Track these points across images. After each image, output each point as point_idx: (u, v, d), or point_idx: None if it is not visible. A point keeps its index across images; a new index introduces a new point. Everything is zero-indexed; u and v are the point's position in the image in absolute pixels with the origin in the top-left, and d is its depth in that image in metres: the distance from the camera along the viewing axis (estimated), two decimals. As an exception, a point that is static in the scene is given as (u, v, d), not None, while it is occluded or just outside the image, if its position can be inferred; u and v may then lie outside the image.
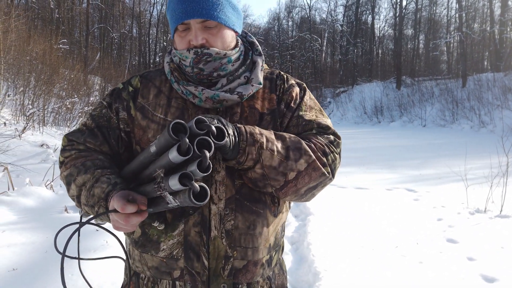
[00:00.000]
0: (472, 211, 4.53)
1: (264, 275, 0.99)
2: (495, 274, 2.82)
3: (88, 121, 1.02)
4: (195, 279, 0.91)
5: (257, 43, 1.09)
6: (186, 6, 0.90)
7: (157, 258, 0.93)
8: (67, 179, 0.93)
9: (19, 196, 4.17)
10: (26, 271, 2.57)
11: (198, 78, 0.97)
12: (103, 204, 0.84)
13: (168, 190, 0.73)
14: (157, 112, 0.97)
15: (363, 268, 2.92)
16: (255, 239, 0.94)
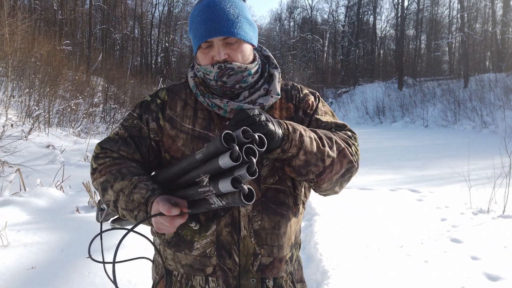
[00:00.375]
0: (475, 211, 4.60)
1: (287, 271, 1.07)
2: (499, 273, 2.89)
3: (120, 130, 1.09)
4: (227, 274, 0.99)
5: (272, 57, 1.18)
6: (209, 26, 0.99)
7: (191, 256, 1.01)
8: (103, 185, 1.00)
9: (31, 196, 4.26)
10: (44, 270, 2.65)
11: (221, 90, 1.05)
12: (143, 208, 0.91)
13: (216, 192, 0.81)
14: (185, 123, 1.06)
15: (369, 266, 2.99)
16: (279, 238, 1.03)
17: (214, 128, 1.04)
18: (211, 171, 0.83)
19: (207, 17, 1.00)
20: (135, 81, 24.84)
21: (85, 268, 2.70)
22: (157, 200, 0.87)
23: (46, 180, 5.19)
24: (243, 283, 1.00)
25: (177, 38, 45.62)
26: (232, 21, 1.00)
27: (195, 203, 0.88)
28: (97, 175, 1.03)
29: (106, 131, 13.84)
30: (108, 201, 1.00)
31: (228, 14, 1.00)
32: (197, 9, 1.04)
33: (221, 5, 1.01)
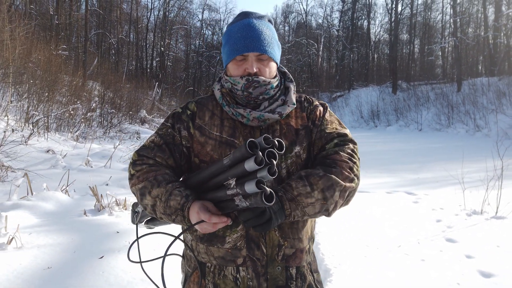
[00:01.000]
0: (469, 212, 4.77)
1: (307, 260, 1.22)
2: (492, 270, 3.05)
3: (156, 138, 1.23)
4: (256, 264, 1.13)
5: (288, 72, 1.34)
6: (248, 42, 1.15)
7: (223, 249, 1.15)
8: (141, 191, 1.13)
9: (39, 200, 4.36)
10: (60, 270, 2.76)
11: (246, 100, 1.20)
12: (180, 213, 1.06)
13: (242, 193, 0.95)
14: (213, 131, 1.20)
15: (369, 265, 3.14)
16: (299, 231, 1.18)
17: (238, 135, 1.19)
18: (238, 174, 0.97)
19: (247, 34, 1.16)
20: (131, 85, 24.91)
21: (99, 268, 2.81)
22: (197, 210, 1.02)
23: (51, 184, 5.28)
24: (270, 271, 1.14)
25: (172, 42, 45.75)
26: (268, 42, 1.17)
27: (223, 204, 1.04)
28: (135, 181, 1.15)
29: (103, 136, 13.90)
30: (146, 205, 1.13)
31: (265, 35, 1.18)
32: (237, 26, 1.20)
33: (260, 27, 1.18)
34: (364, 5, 37.72)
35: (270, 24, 1.24)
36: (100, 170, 7.05)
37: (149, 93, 30.03)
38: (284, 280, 1.15)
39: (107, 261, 2.93)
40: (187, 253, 1.28)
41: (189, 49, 48.70)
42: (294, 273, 1.17)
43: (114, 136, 14.62)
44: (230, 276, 1.15)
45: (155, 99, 30.19)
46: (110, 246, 3.26)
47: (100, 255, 3.06)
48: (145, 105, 25.04)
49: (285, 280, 1.16)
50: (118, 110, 18.18)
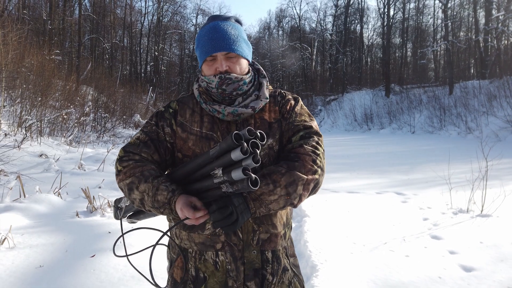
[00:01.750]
0: (456, 211, 4.87)
1: (282, 245, 1.31)
2: (474, 264, 3.14)
3: (141, 135, 1.31)
4: (233, 248, 1.23)
5: (262, 69, 1.42)
6: (215, 43, 1.24)
7: (203, 236, 1.24)
8: (129, 186, 1.20)
9: (31, 202, 4.41)
10: (51, 268, 2.82)
11: (221, 96, 1.28)
12: (167, 207, 1.14)
13: (229, 180, 1.04)
14: (194, 127, 1.29)
15: (355, 261, 3.22)
16: (273, 217, 1.27)
17: (217, 130, 1.28)
18: (224, 164, 1.07)
19: (213, 36, 1.25)
20: (125, 90, 24.93)
21: (90, 266, 2.88)
22: (180, 207, 1.10)
23: (44, 187, 5.33)
24: (246, 255, 1.24)
25: (166, 47, 45.82)
26: (233, 40, 1.26)
27: (209, 192, 1.13)
28: (123, 176, 1.23)
29: (97, 140, 13.93)
30: (134, 199, 1.21)
31: (230, 34, 1.26)
32: (204, 30, 1.29)
33: (224, 28, 1.27)
34: (357, 10, 38.07)
35: (236, 23, 1.32)
36: (93, 173, 7.09)
37: (143, 97, 30.06)
38: (260, 263, 1.25)
39: (99, 260, 2.99)
40: (170, 241, 1.37)
41: (183, 53, 48.78)
42: (270, 257, 1.27)
43: (108, 140, 14.65)
44: (210, 260, 1.25)
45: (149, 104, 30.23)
46: (101, 246, 3.32)
47: (92, 254, 3.12)
48: (139, 110, 25.06)
49: (261, 263, 1.25)
50: (112, 114, 18.21)
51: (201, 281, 1.26)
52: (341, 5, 38.68)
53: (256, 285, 1.25)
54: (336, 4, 39.14)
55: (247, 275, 1.24)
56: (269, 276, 1.26)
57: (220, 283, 1.25)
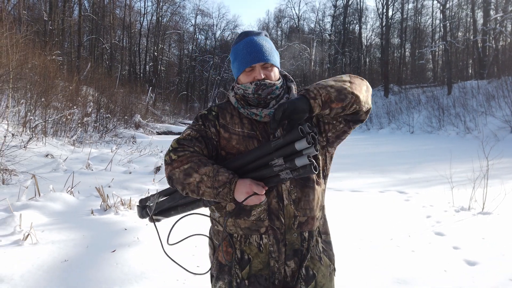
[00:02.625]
0: (458, 209, 5.02)
1: (316, 225, 1.48)
2: (477, 259, 3.30)
3: (192, 132, 1.46)
4: (276, 232, 1.39)
5: (288, 75, 1.59)
6: (254, 55, 1.42)
7: (249, 221, 1.40)
8: (187, 170, 1.33)
9: (47, 201, 4.54)
10: (76, 262, 2.96)
11: (257, 100, 1.44)
12: (228, 186, 1.27)
13: (291, 167, 1.23)
14: (235, 128, 1.45)
15: (363, 256, 3.37)
16: (310, 203, 1.43)
17: (256, 130, 1.44)
18: (285, 154, 1.25)
19: (251, 49, 1.42)
20: (124, 90, 25.03)
21: (112, 260, 3.01)
22: (249, 183, 1.27)
23: (55, 186, 5.46)
24: (288, 237, 1.40)
25: (165, 47, 45.91)
26: (268, 52, 1.44)
27: (266, 180, 1.30)
28: (178, 164, 1.36)
29: (99, 140, 14.05)
30: (189, 183, 1.33)
31: (265, 47, 1.44)
32: (242, 44, 1.46)
33: (259, 41, 1.44)
34: (356, 10, 38.26)
35: (267, 37, 1.50)
36: (101, 173, 7.22)
37: (143, 97, 30.15)
38: (299, 243, 1.42)
39: (120, 254, 3.13)
40: (215, 228, 1.52)
41: (182, 53, 48.89)
42: (307, 236, 1.44)
43: (110, 140, 14.77)
44: (254, 243, 1.41)
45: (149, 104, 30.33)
46: (120, 242, 3.46)
47: (112, 249, 3.26)
48: (139, 110, 25.19)
49: (300, 243, 1.42)
50: (113, 115, 18.32)
51: (246, 262, 1.42)
52: (340, 5, 38.88)
53: (296, 263, 1.42)
54: (335, 4, 39.34)
55: (287, 255, 1.40)
56: (304, 252, 1.43)
57: (263, 263, 1.41)
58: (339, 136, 1.49)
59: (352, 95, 1.32)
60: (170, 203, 1.54)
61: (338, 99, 1.31)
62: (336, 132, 1.47)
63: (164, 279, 2.75)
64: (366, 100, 1.39)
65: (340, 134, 1.48)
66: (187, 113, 38.20)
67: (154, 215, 1.59)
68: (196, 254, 3.20)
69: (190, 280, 2.76)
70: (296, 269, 1.42)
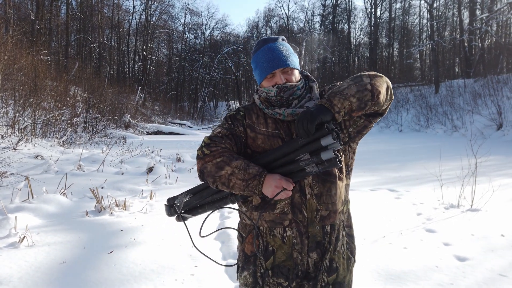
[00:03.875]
0: (447, 206, 5.14)
1: (340, 219, 1.53)
2: (467, 254, 3.39)
3: (222, 130, 1.53)
4: (299, 225, 1.46)
5: (310, 75, 1.65)
6: (273, 62, 1.49)
7: (273, 214, 1.47)
8: (219, 164, 1.40)
9: (40, 203, 4.53)
10: (74, 263, 2.97)
11: (280, 102, 1.51)
12: (257, 178, 1.35)
13: (317, 161, 1.31)
14: (260, 128, 1.53)
15: (357, 253, 3.42)
16: (332, 197, 1.48)
17: (280, 128, 1.51)
18: (311, 149, 1.33)
19: (269, 57, 1.50)
20: (113, 90, 24.83)
21: (110, 261, 3.03)
22: (278, 178, 1.35)
23: (48, 188, 5.43)
24: (310, 230, 1.46)
25: (154, 46, 45.62)
26: (286, 57, 1.50)
27: (292, 175, 1.38)
28: (211, 158, 1.44)
29: (89, 141, 13.94)
30: (220, 176, 1.40)
31: (283, 52, 1.51)
32: (260, 52, 1.53)
33: (277, 48, 1.52)
34: (344, 10, 38.53)
35: (284, 42, 1.57)
36: (93, 174, 7.19)
37: (132, 97, 29.95)
38: (321, 236, 1.48)
39: (117, 255, 3.15)
40: (242, 222, 1.59)
41: (172, 53, 48.66)
42: (329, 229, 1.49)
43: (100, 141, 14.67)
44: (278, 235, 1.47)
45: (139, 104, 30.14)
46: (117, 243, 3.48)
47: (109, 250, 3.28)
48: (128, 110, 25.02)
49: (322, 236, 1.48)
50: (102, 115, 18.18)
51: (270, 253, 1.48)
52: (329, 5, 39.13)
53: (318, 255, 1.48)
54: (324, 4, 39.57)
55: (310, 247, 1.47)
56: (327, 245, 1.49)
57: (287, 255, 1.47)
58: (360, 131, 1.55)
59: (372, 101, 1.40)
60: (198, 201, 1.59)
61: (359, 109, 1.39)
62: (357, 127, 1.54)
63: (163, 279, 2.78)
64: (385, 100, 1.47)
65: (361, 129, 1.55)
66: (177, 113, 38.06)
67: (182, 214, 1.65)
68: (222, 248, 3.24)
69: (189, 280, 2.80)
70: (318, 260, 1.48)
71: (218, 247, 3.50)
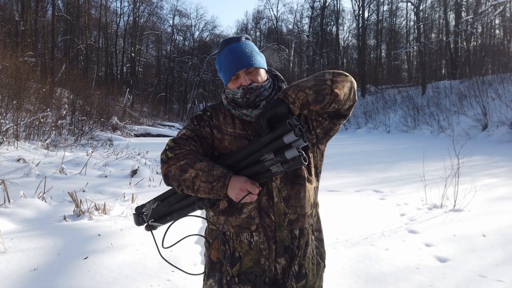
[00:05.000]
0: (430, 206, 5.14)
1: (309, 223, 1.49)
2: (447, 255, 3.38)
3: (187, 132, 1.47)
4: (266, 229, 1.41)
5: (279, 75, 1.60)
6: (235, 63, 1.43)
7: (240, 219, 1.41)
8: (183, 167, 1.34)
9: (17, 207, 4.41)
10: (46, 270, 2.88)
11: (247, 103, 1.46)
12: (222, 180, 1.29)
13: (282, 160, 1.24)
14: (228, 128, 1.48)
15: (339, 255, 3.40)
16: (301, 200, 1.44)
17: (247, 129, 1.46)
18: (275, 148, 1.27)
19: (231, 58, 1.44)
20: (101, 92, 24.59)
21: (84, 267, 2.95)
22: (244, 181, 1.29)
23: (26, 192, 5.31)
24: (278, 234, 1.41)
25: (143, 48, 45.32)
26: (249, 57, 1.44)
27: (258, 176, 1.31)
28: (174, 161, 1.37)
29: (74, 143, 13.75)
30: (184, 179, 1.34)
31: (245, 53, 1.45)
32: (223, 54, 1.47)
33: (239, 48, 1.46)
34: (333, 12, 38.73)
35: (247, 41, 1.51)
36: (75, 177, 7.07)
37: (120, 99, 29.67)
38: (290, 241, 1.43)
39: (92, 261, 3.07)
40: (209, 227, 1.53)
41: (160, 54, 48.41)
42: (297, 234, 1.45)
43: (86, 143, 14.48)
44: (245, 240, 1.42)
45: (127, 106, 29.88)
46: (93, 248, 3.39)
47: (84, 256, 3.19)
48: (116, 112, 24.79)
49: (290, 241, 1.43)
50: (89, 117, 17.96)
51: (237, 260, 1.43)
52: (317, 7, 39.28)
53: (286, 260, 1.43)
54: (312, 6, 39.73)
55: (278, 252, 1.42)
56: (295, 250, 1.44)
57: (254, 261, 1.42)
58: (327, 133, 1.51)
59: (330, 96, 1.32)
60: (166, 208, 1.53)
61: (316, 101, 1.32)
62: (323, 128, 1.50)
63: (138, 285, 2.71)
64: (347, 98, 1.40)
65: (328, 131, 1.51)
66: (166, 115, 37.83)
67: (151, 222, 1.58)
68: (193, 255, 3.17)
69: (164, 286, 2.73)
70: (287, 266, 1.44)
71: (198, 251, 3.43)
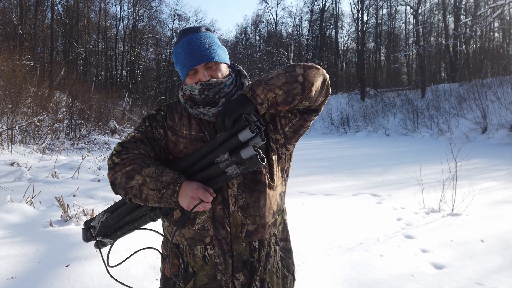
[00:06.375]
0: (428, 210, 5.02)
1: (271, 233, 1.35)
2: (444, 262, 3.26)
3: (137, 134, 1.33)
4: (221, 242, 1.27)
5: (243, 70, 1.46)
6: (192, 57, 1.28)
7: (193, 230, 1.28)
8: (129, 173, 1.21)
9: (3, 212, 4.29)
10: (24, 279, 2.76)
11: (205, 101, 1.31)
12: (172, 187, 1.15)
13: (238, 161, 1.11)
14: (183, 130, 1.33)
15: (332, 262, 3.28)
16: (260, 209, 1.30)
17: (204, 130, 1.32)
18: (230, 147, 1.14)
19: (189, 51, 1.28)
20: (100, 95, 24.51)
21: (64, 276, 2.83)
22: (196, 187, 1.14)
23: (15, 196, 5.19)
24: (235, 247, 1.28)
25: (142, 51, 45.31)
26: (209, 50, 1.29)
27: (213, 180, 1.17)
28: (121, 167, 1.24)
29: (71, 147, 13.64)
30: (131, 187, 1.20)
31: (204, 45, 1.29)
32: (180, 46, 1.32)
33: (197, 40, 1.30)
34: (332, 15, 38.69)
35: (207, 32, 1.36)
36: (68, 181, 6.95)
37: (119, 103, 29.59)
38: (248, 254, 1.29)
39: (74, 269, 2.95)
40: (164, 239, 1.40)
41: (160, 58, 48.37)
42: (257, 246, 1.31)
43: (83, 147, 14.36)
44: (199, 254, 1.29)
45: (126, 109, 29.78)
46: (76, 255, 3.27)
47: (66, 263, 3.07)
48: (115, 115, 24.68)
49: (249, 254, 1.29)
50: (86, 121, 17.86)
51: (190, 276, 1.29)
52: (316, 10, 39.26)
53: (245, 275, 1.29)
54: (312, 9, 39.70)
55: (236, 267, 1.28)
56: (255, 263, 1.31)
57: (209, 276, 1.29)
58: (297, 131, 1.37)
59: (301, 95, 1.21)
60: (116, 221, 1.36)
61: (286, 102, 1.21)
62: (292, 126, 1.36)
63: (119, 294, 2.59)
64: (319, 94, 1.29)
65: (298, 128, 1.37)
66: (165, 119, 37.68)
67: (100, 238, 1.41)
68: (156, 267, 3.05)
69: (147, 294, 2.61)
70: (246, 282, 1.30)
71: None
